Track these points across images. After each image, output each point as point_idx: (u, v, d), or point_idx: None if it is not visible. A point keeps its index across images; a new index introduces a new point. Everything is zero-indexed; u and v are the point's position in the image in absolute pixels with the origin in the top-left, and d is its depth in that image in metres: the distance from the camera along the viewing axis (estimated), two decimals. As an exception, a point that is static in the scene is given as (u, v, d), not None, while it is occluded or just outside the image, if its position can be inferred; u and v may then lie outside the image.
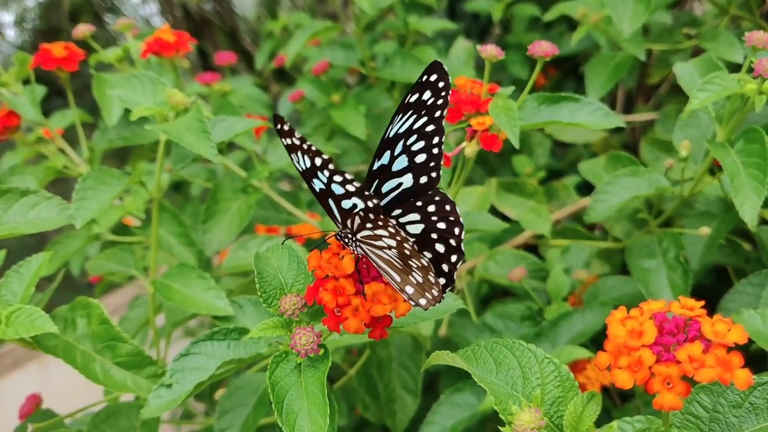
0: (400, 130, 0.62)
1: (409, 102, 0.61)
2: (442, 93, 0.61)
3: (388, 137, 0.62)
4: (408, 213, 0.61)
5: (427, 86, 0.61)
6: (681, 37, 1.34)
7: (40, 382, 1.69)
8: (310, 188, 0.58)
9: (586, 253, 1.18)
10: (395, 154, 0.62)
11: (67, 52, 1.06)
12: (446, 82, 0.61)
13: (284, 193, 1.23)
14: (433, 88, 0.61)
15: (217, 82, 1.44)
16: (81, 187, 0.80)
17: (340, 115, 1.41)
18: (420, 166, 0.62)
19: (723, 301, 0.95)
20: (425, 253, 0.60)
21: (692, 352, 0.45)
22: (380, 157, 0.62)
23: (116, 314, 1.15)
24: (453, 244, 0.59)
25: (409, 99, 0.61)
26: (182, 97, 0.83)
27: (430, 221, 0.61)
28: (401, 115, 0.62)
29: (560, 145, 1.74)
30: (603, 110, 0.87)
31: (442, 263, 0.60)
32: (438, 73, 0.61)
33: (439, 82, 0.61)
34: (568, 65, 1.80)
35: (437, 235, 0.60)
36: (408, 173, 0.62)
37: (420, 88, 0.61)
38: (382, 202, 0.62)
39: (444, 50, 1.70)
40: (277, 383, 0.59)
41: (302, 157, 0.56)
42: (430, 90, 0.61)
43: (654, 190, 0.95)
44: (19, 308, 0.71)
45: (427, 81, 0.61)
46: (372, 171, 0.62)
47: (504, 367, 0.56)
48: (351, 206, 0.57)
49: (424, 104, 0.61)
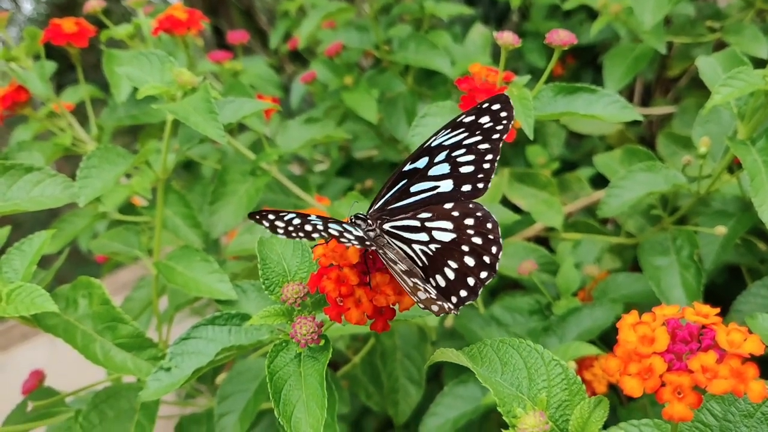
0: (445, 142, 0.61)
1: (462, 121, 0.61)
2: (503, 121, 0.60)
3: (429, 146, 0.62)
4: (439, 219, 0.60)
5: (487, 113, 0.60)
6: (704, 30, 1.31)
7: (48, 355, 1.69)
8: None
9: (598, 247, 1.16)
10: (435, 161, 0.61)
11: (77, 28, 1.05)
12: (510, 114, 0.60)
13: (293, 177, 1.22)
14: (494, 116, 0.60)
15: (228, 60, 1.42)
16: (85, 165, 0.79)
17: (352, 98, 1.39)
18: (465, 175, 0.61)
19: (736, 303, 0.93)
20: (450, 263, 0.59)
21: (705, 362, 0.44)
22: (415, 161, 0.62)
23: (125, 290, 1.15)
24: (487, 261, 0.58)
25: (464, 119, 0.61)
26: (190, 77, 0.81)
27: (465, 233, 0.59)
28: (450, 130, 0.61)
29: (575, 136, 1.72)
30: (620, 103, 0.84)
31: (468, 276, 0.58)
32: (503, 105, 0.60)
33: (502, 112, 0.60)
34: (586, 55, 1.77)
35: (469, 248, 0.59)
36: (448, 179, 0.61)
37: (478, 112, 0.61)
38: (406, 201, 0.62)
39: (460, 36, 1.67)
40: (275, 373, 0.58)
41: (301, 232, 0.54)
42: (490, 116, 0.60)
43: (670, 187, 0.93)
44: (20, 286, 0.70)
45: (488, 108, 0.60)
46: (402, 171, 0.62)
47: (510, 367, 0.55)
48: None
49: (479, 126, 0.61)
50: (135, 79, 0.83)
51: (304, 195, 1.17)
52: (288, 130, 1.18)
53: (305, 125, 1.17)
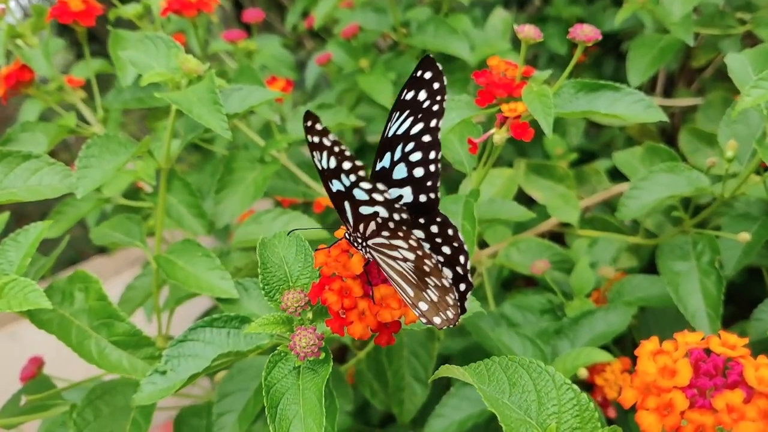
0: (398, 131, 0.55)
1: (404, 99, 0.54)
2: (437, 97, 0.53)
3: (387, 136, 0.55)
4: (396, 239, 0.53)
5: (422, 84, 0.53)
6: (734, 22, 1.26)
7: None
8: (325, 186, 0.52)
9: (615, 247, 1.12)
10: (395, 159, 0.55)
11: (84, 6, 1.02)
12: (441, 84, 0.53)
13: (303, 164, 1.18)
14: (428, 88, 0.53)
15: (242, 40, 1.39)
16: (85, 154, 0.76)
17: (367, 81, 1.36)
18: (418, 181, 0.55)
19: (757, 311, 0.90)
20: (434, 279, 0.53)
21: (731, 401, 0.40)
22: (382, 157, 0.55)
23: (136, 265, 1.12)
24: (460, 272, 0.53)
25: (405, 96, 0.54)
26: (196, 64, 0.77)
27: (435, 242, 0.55)
28: (398, 113, 0.54)
29: (594, 125, 1.67)
30: (644, 102, 0.80)
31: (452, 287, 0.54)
32: (432, 70, 0.53)
33: (434, 82, 0.53)
34: (609, 42, 1.72)
35: (444, 259, 0.54)
36: (408, 186, 0.55)
37: (414, 84, 0.54)
38: None
39: (481, 19, 1.63)
40: (272, 385, 0.55)
41: (327, 158, 0.49)
42: (426, 90, 0.53)
43: (693, 190, 0.89)
44: (13, 279, 0.68)
45: (421, 77, 0.53)
46: (375, 172, 0.56)
47: (519, 388, 0.52)
48: (371, 213, 0.51)
49: (419, 106, 0.54)
50: (139, 64, 0.80)
51: (313, 183, 1.14)
52: (299, 116, 1.14)
53: (317, 112, 1.13)
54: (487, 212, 0.96)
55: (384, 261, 0.53)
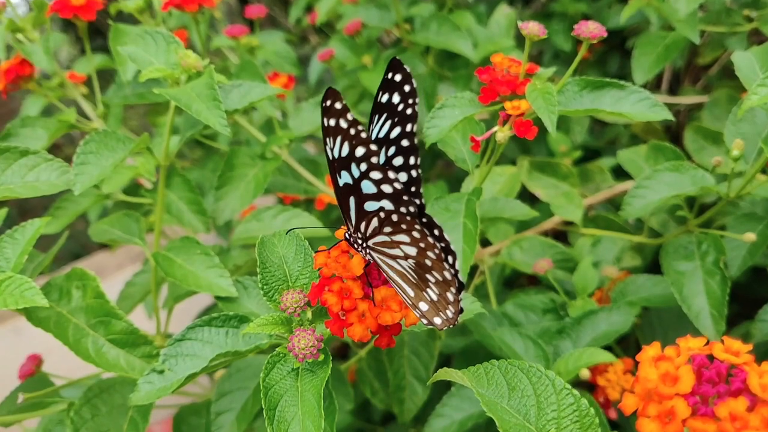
0: (379, 134, 0.54)
1: (381, 102, 0.53)
2: (409, 100, 0.52)
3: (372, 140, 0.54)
4: (398, 233, 0.52)
5: (395, 87, 0.52)
6: (740, 19, 1.25)
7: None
8: (332, 179, 0.51)
9: (618, 246, 1.11)
10: None
11: (85, 0, 1.01)
12: (412, 87, 0.52)
13: (305, 160, 1.18)
14: (400, 90, 0.52)
15: (244, 36, 1.38)
16: (82, 150, 0.75)
17: (369, 78, 1.35)
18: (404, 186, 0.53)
19: (762, 312, 0.89)
20: (428, 276, 0.52)
21: (735, 409, 0.40)
22: None
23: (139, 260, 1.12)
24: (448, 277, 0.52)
25: (381, 98, 0.53)
26: (195, 60, 0.77)
27: None
28: (377, 116, 0.54)
29: (599, 122, 1.66)
30: (649, 100, 0.79)
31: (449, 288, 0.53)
32: (401, 72, 0.52)
33: (404, 84, 0.52)
34: (614, 39, 1.70)
35: None
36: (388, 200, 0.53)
37: (387, 87, 0.53)
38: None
39: (485, 16, 1.61)
40: (271, 387, 0.55)
41: (341, 144, 0.48)
42: (398, 93, 0.53)
43: (698, 190, 0.88)
44: (9, 277, 0.67)
45: (392, 80, 0.52)
46: None
47: (518, 392, 0.51)
48: (376, 208, 0.50)
49: (395, 109, 0.53)
50: (138, 59, 0.79)
51: (314, 180, 1.13)
52: (301, 113, 1.14)
53: (319, 108, 1.13)
54: (490, 210, 0.95)
55: (384, 261, 0.52)
